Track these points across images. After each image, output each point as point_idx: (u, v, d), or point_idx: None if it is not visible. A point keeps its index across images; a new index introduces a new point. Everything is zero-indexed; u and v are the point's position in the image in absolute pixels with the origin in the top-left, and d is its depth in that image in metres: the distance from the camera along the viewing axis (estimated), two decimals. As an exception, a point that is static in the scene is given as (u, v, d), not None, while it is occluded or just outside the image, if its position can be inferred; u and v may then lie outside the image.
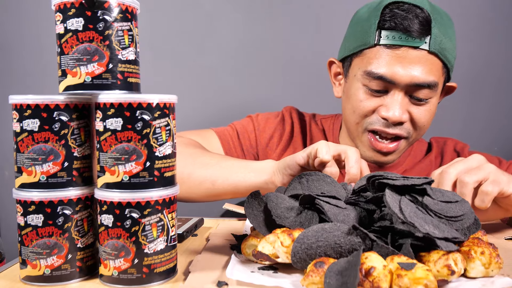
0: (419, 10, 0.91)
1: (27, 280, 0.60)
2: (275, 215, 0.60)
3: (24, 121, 0.58)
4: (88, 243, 0.61)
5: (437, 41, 0.92)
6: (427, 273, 0.48)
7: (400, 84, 0.93)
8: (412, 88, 0.94)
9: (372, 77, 0.94)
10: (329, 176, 0.69)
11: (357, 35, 0.98)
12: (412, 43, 0.91)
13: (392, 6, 0.93)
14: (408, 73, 0.92)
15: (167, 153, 0.59)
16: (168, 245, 0.60)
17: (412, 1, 0.93)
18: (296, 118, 1.17)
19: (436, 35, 0.92)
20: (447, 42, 0.94)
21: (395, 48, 0.92)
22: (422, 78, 0.93)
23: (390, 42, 0.92)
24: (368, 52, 0.96)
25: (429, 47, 0.92)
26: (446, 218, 0.59)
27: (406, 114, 0.96)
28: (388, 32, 0.92)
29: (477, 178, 0.70)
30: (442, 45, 0.93)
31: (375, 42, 0.93)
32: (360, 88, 0.97)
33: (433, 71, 0.94)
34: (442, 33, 0.93)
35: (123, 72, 0.59)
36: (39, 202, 0.58)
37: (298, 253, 0.54)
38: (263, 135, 1.14)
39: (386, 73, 0.93)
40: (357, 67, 0.98)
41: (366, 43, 0.95)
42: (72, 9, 0.58)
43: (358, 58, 0.98)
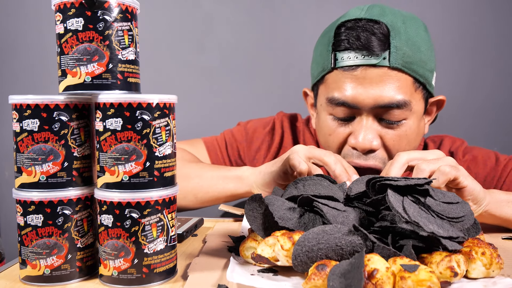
0: (375, 24, 0.83)
1: (27, 280, 0.60)
2: (277, 217, 0.60)
3: (24, 121, 0.58)
4: (88, 243, 0.61)
5: (399, 55, 0.82)
6: (430, 275, 0.48)
7: (364, 109, 0.85)
8: (380, 110, 0.85)
9: (335, 104, 0.86)
10: (325, 180, 0.69)
11: (318, 60, 0.91)
12: (369, 61, 0.82)
13: (347, 24, 0.86)
14: (371, 94, 0.83)
15: (167, 153, 0.59)
16: (168, 245, 0.59)
17: (368, 16, 0.85)
18: (287, 127, 1.12)
19: (397, 47, 0.82)
20: (413, 54, 0.84)
21: (352, 69, 0.84)
22: (387, 98, 0.83)
23: (346, 63, 0.83)
24: (328, 77, 0.88)
25: (390, 62, 0.82)
26: (447, 219, 0.59)
27: (377, 140, 0.86)
28: (343, 53, 0.84)
29: (434, 167, 0.69)
30: (406, 58, 0.83)
31: (332, 65, 0.85)
32: (328, 118, 0.89)
33: (400, 88, 0.84)
34: (405, 44, 0.83)
35: (123, 72, 0.59)
36: (39, 202, 0.58)
37: (299, 256, 0.54)
38: (251, 146, 1.11)
39: (347, 99, 0.84)
40: (322, 95, 0.91)
41: (325, 68, 0.88)
42: (72, 9, 0.57)
43: (322, 85, 0.91)
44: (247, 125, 1.15)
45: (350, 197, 0.67)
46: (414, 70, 0.84)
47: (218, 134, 1.19)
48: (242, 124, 1.16)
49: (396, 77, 0.83)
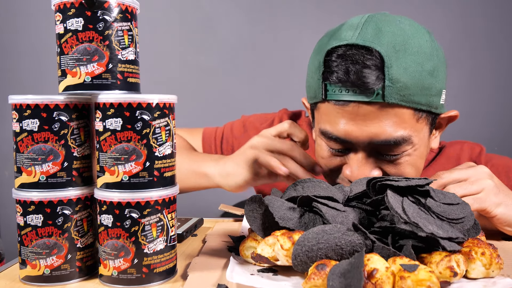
0: (368, 54, 0.72)
1: (26, 280, 0.60)
2: (278, 217, 0.60)
3: (24, 121, 0.58)
4: (87, 243, 0.61)
5: (395, 89, 0.72)
6: (430, 275, 0.48)
7: (359, 144, 0.77)
8: (376, 146, 0.76)
9: (328, 138, 0.79)
10: (324, 182, 0.69)
11: (310, 83, 0.81)
12: (360, 98, 0.72)
13: (337, 51, 0.75)
14: (365, 132, 0.74)
15: (167, 153, 0.59)
16: (168, 245, 0.60)
17: (361, 41, 0.73)
18: None
19: (392, 80, 0.71)
20: (414, 83, 0.73)
21: (344, 104, 0.74)
22: (384, 135, 0.74)
23: (336, 97, 0.74)
24: (321, 106, 0.79)
25: (384, 98, 0.72)
26: (448, 220, 0.59)
27: (376, 171, 0.79)
28: (333, 86, 0.75)
29: (463, 192, 0.70)
30: (403, 91, 0.72)
31: (323, 97, 0.76)
32: (323, 144, 0.82)
33: (399, 124, 0.74)
34: (403, 73, 0.72)
35: (123, 72, 0.59)
36: (38, 202, 0.58)
37: (299, 256, 0.54)
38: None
39: (340, 134, 0.76)
40: (317, 122, 0.83)
41: (316, 96, 0.79)
42: (72, 9, 0.57)
43: (316, 111, 0.83)
44: (247, 120, 1.14)
45: (349, 198, 0.67)
46: (415, 101, 0.74)
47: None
48: (243, 118, 1.16)
49: (392, 112, 0.74)
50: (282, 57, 1.58)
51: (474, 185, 0.71)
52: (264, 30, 1.59)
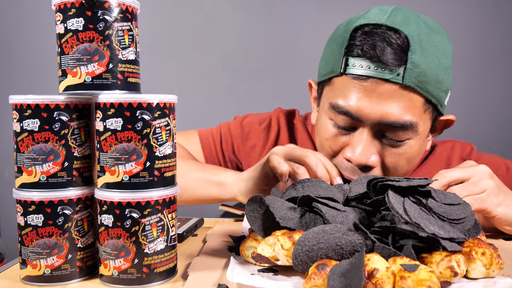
0: (395, 34, 0.76)
1: (27, 280, 0.60)
2: (279, 217, 0.60)
3: (24, 121, 0.58)
4: (88, 243, 0.61)
5: (414, 73, 0.75)
6: (430, 275, 0.48)
7: (367, 122, 0.79)
8: (383, 127, 0.79)
9: (337, 112, 0.80)
10: (324, 182, 0.69)
11: (327, 59, 0.83)
12: (381, 75, 0.75)
13: (364, 28, 0.78)
14: (377, 110, 0.77)
15: (167, 153, 0.59)
16: (168, 245, 0.60)
17: (390, 23, 0.77)
18: (284, 124, 1.09)
19: (413, 65, 0.75)
20: (431, 73, 0.77)
21: (363, 79, 0.76)
22: (394, 117, 0.77)
23: (356, 72, 0.76)
24: (336, 81, 0.81)
25: (403, 80, 0.75)
26: (449, 220, 0.59)
27: (375, 157, 0.81)
28: (356, 60, 0.77)
29: (466, 194, 0.71)
30: (421, 77, 0.76)
31: (341, 70, 0.78)
32: (328, 122, 0.83)
33: (409, 108, 0.78)
34: (424, 61, 0.76)
35: (123, 72, 0.59)
36: (39, 202, 0.58)
37: (300, 256, 0.54)
38: (246, 143, 1.09)
39: (351, 109, 0.78)
40: (326, 97, 0.84)
41: (334, 71, 0.81)
42: (72, 9, 0.57)
43: (328, 87, 0.84)
44: (244, 120, 1.12)
45: (349, 199, 0.67)
46: (428, 90, 0.78)
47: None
48: (239, 118, 1.14)
49: (407, 96, 0.77)
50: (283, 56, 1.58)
51: (476, 186, 0.72)
52: (264, 30, 1.59)
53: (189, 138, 1.12)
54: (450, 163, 1.01)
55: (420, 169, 1.01)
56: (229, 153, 1.11)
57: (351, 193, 0.68)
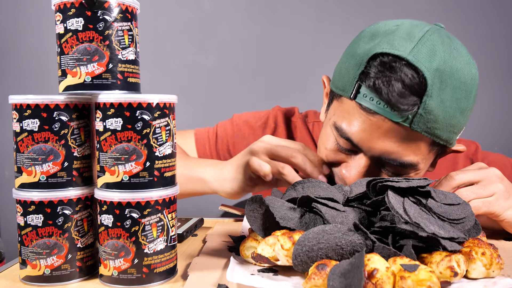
0: (412, 73, 0.69)
1: (27, 280, 0.60)
2: (278, 217, 0.60)
3: (24, 121, 0.58)
4: (88, 243, 0.61)
5: (424, 119, 0.70)
6: (430, 275, 0.48)
7: (368, 154, 0.76)
8: (382, 161, 0.76)
9: (340, 134, 0.77)
10: (323, 182, 0.69)
11: (343, 73, 0.78)
12: (390, 115, 0.71)
13: (384, 58, 0.71)
14: (379, 145, 0.74)
15: (167, 153, 0.59)
16: (168, 245, 0.59)
17: (412, 57, 0.70)
18: (281, 121, 1.07)
19: (426, 111, 0.70)
20: (444, 119, 0.71)
21: (370, 113, 0.72)
22: (394, 155, 0.74)
23: (365, 104, 0.72)
24: (345, 101, 0.77)
25: (411, 125, 0.71)
26: (448, 220, 0.59)
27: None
28: (367, 91, 0.72)
29: (475, 196, 0.71)
30: (431, 124, 0.71)
31: (351, 96, 0.74)
32: (331, 136, 0.80)
33: (413, 150, 0.74)
34: (439, 106, 0.70)
35: (123, 72, 0.59)
36: (39, 202, 0.58)
37: (300, 256, 0.54)
38: (243, 142, 1.08)
39: (353, 136, 0.75)
40: (333, 112, 0.81)
41: (345, 91, 0.76)
42: (72, 9, 0.57)
43: (337, 102, 0.80)
44: (240, 119, 1.12)
45: (349, 199, 0.67)
46: (436, 135, 0.73)
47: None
48: (236, 117, 1.13)
49: (412, 138, 0.73)
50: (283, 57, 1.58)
51: (486, 189, 0.71)
52: (264, 30, 1.59)
53: (184, 138, 1.12)
54: (457, 162, 1.00)
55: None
56: (224, 152, 1.10)
57: (351, 194, 0.68)
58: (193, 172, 0.89)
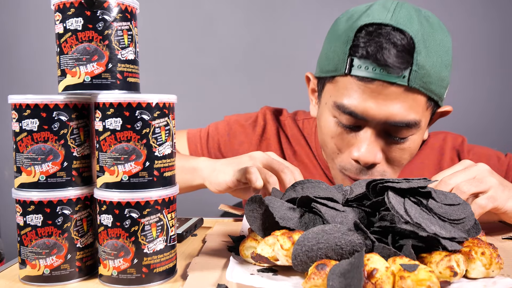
0: (400, 35, 0.76)
1: (26, 280, 0.60)
2: (278, 217, 0.60)
3: (23, 121, 0.58)
4: (87, 243, 0.61)
5: (419, 75, 0.77)
6: (430, 275, 0.48)
7: (373, 122, 0.81)
8: (387, 127, 0.81)
9: (342, 111, 0.81)
10: (323, 182, 0.69)
11: (330, 56, 0.83)
12: (387, 78, 0.76)
13: (369, 28, 0.78)
14: (383, 111, 0.79)
15: (167, 153, 0.59)
16: (168, 245, 0.59)
17: (394, 22, 0.77)
18: (270, 119, 1.09)
19: (419, 67, 0.76)
20: (435, 72, 0.79)
21: (368, 81, 0.77)
22: (399, 117, 0.79)
23: (362, 74, 0.77)
24: (340, 80, 0.82)
25: (409, 82, 0.77)
26: (449, 221, 0.59)
27: (380, 154, 0.83)
28: (361, 61, 0.77)
29: (475, 190, 0.71)
30: (426, 78, 0.78)
31: (346, 71, 0.79)
32: (331, 120, 0.85)
33: (413, 108, 0.80)
34: (429, 62, 0.77)
35: (122, 72, 0.59)
36: (38, 202, 0.58)
37: (299, 256, 0.54)
38: (234, 141, 1.10)
39: (357, 109, 0.79)
40: (329, 94, 0.85)
41: (337, 69, 0.81)
42: (71, 9, 0.57)
43: (330, 84, 0.85)
44: (231, 119, 1.13)
45: (349, 200, 0.67)
46: (431, 90, 0.80)
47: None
48: (226, 118, 1.15)
49: (411, 97, 0.79)
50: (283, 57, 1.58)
51: (482, 183, 0.72)
52: (264, 30, 1.59)
53: (177, 137, 1.13)
54: (443, 153, 1.03)
55: (414, 159, 1.02)
56: (215, 150, 1.11)
57: (351, 194, 0.68)
58: (186, 163, 0.91)
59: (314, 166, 1.03)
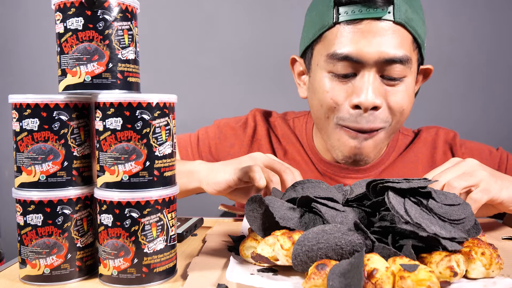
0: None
1: (26, 279, 0.60)
2: (278, 217, 0.60)
3: (24, 120, 0.58)
4: (87, 243, 0.61)
5: (402, 10, 0.83)
6: (430, 275, 0.48)
7: (368, 63, 0.84)
8: (383, 66, 0.85)
9: (337, 59, 0.85)
10: (323, 182, 0.69)
11: (314, 20, 0.90)
12: (374, 14, 0.83)
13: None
14: (376, 48, 0.83)
15: (167, 152, 0.59)
16: (168, 245, 0.59)
17: None
18: (260, 120, 1.11)
19: (399, 3, 0.83)
20: (413, 13, 0.86)
21: (357, 22, 0.83)
22: (392, 52, 0.84)
23: (350, 17, 0.83)
24: (328, 34, 0.87)
25: (394, 17, 0.83)
26: (449, 221, 0.59)
27: (380, 98, 0.86)
28: (346, 7, 0.84)
29: (466, 184, 0.71)
30: (408, 15, 0.84)
31: (334, 20, 0.85)
32: (325, 76, 0.88)
33: (403, 44, 0.85)
34: (406, 2, 0.85)
35: (123, 71, 0.59)
36: (38, 202, 0.58)
37: (299, 256, 0.54)
38: (225, 143, 1.11)
39: (351, 52, 0.84)
40: (319, 53, 0.90)
41: (324, 25, 0.87)
42: (72, 9, 0.57)
43: (319, 44, 0.90)
44: (221, 122, 1.15)
45: (349, 200, 0.67)
46: (414, 28, 0.86)
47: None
48: (216, 121, 1.16)
49: (399, 32, 0.84)
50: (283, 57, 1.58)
51: (473, 176, 0.73)
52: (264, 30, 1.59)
53: None
54: (436, 147, 1.04)
55: (407, 152, 1.04)
56: (206, 153, 1.12)
57: (352, 194, 0.68)
58: (181, 167, 0.91)
59: (305, 162, 1.05)
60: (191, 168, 0.90)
